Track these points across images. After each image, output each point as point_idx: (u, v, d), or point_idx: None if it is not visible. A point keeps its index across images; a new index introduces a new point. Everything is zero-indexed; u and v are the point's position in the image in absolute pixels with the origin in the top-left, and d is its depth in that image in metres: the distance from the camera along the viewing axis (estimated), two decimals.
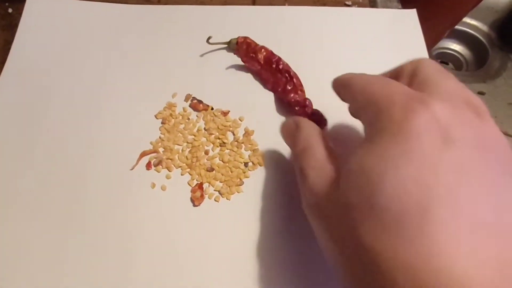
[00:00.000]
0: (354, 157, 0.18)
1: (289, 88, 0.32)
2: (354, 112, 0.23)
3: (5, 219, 0.27)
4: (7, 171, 0.29)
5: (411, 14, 0.38)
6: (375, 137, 0.18)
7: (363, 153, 0.18)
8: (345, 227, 0.17)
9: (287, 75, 0.33)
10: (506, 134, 0.56)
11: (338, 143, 0.28)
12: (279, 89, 0.33)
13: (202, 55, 0.35)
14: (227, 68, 0.34)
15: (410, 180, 0.15)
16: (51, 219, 0.27)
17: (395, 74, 0.22)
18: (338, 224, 0.18)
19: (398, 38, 0.36)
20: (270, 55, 0.34)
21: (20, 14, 0.35)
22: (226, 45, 0.35)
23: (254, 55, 0.34)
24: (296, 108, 0.31)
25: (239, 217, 0.27)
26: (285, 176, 0.29)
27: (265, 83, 0.34)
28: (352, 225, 0.16)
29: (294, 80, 0.33)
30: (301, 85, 0.33)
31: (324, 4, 0.38)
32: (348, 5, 0.38)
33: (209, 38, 0.34)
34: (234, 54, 0.34)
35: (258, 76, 0.34)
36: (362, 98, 0.20)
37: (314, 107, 0.32)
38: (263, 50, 0.34)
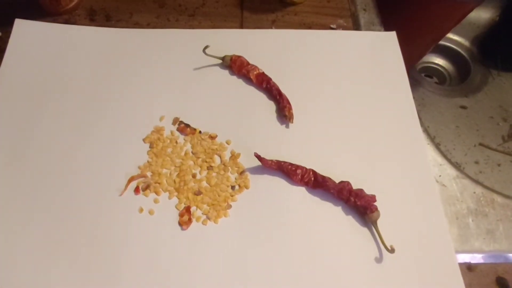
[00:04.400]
0: None
1: (279, 107, 0.34)
2: None
3: None
4: None
5: (391, 36, 0.39)
6: None
7: None
8: None
9: (276, 94, 0.34)
10: (488, 147, 0.58)
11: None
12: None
13: (189, 78, 0.35)
14: (216, 91, 0.35)
15: None
16: (39, 243, 0.27)
17: None
18: None
19: (379, 58, 0.38)
20: (262, 75, 0.35)
21: (9, 37, 0.36)
22: (219, 63, 0.36)
23: (246, 73, 0.35)
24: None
25: (226, 241, 0.28)
26: (270, 199, 0.30)
27: None
28: None
29: (283, 99, 0.34)
30: (289, 104, 0.34)
31: (309, 27, 0.39)
32: (333, 28, 0.40)
33: (205, 47, 0.35)
34: (225, 68, 0.35)
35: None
36: None
37: (297, 122, 0.33)
38: (255, 69, 0.35)
